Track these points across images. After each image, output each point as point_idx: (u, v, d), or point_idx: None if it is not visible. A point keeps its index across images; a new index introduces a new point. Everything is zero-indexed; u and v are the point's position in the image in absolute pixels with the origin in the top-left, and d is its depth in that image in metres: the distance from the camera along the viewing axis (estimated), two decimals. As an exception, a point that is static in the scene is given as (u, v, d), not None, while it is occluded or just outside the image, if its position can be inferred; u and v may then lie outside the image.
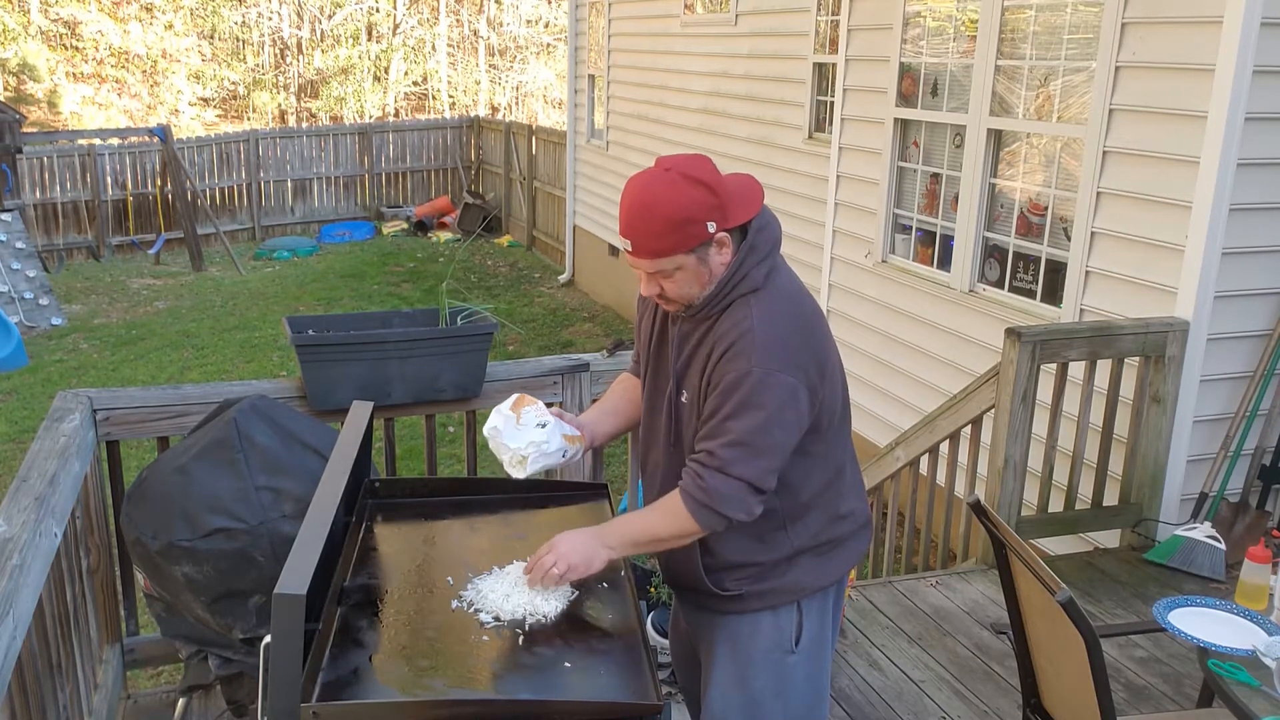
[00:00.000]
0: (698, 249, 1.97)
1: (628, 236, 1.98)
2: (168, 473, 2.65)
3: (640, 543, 2.09)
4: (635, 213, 1.96)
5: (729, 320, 2.00)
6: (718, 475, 1.97)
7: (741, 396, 1.95)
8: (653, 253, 1.96)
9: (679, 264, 1.97)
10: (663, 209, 1.94)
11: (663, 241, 1.95)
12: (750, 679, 2.18)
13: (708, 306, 2.03)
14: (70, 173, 13.68)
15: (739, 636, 2.18)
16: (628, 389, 2.39)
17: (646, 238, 1.96)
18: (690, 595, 2.26)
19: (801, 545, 2.14)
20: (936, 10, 5.64)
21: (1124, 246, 4.52)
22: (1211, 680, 2.31)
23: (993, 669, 3.53)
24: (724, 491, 1.97)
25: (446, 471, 6.52)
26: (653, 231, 1.95)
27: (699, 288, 2.01)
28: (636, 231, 1.97)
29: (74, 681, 2.62)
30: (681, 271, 1.98)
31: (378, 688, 1.79)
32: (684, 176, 1.95)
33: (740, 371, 1.95)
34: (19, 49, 22.13)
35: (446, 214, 16.18)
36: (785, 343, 1.99)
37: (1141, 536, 4.32)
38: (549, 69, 25.98)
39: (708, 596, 2.18)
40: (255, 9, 25.43)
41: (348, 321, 3.44)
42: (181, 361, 9.82)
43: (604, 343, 10.17)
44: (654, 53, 10.05)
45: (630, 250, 1.99)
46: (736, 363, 1.96)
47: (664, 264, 1.97)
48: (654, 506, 2.08)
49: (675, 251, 1.96)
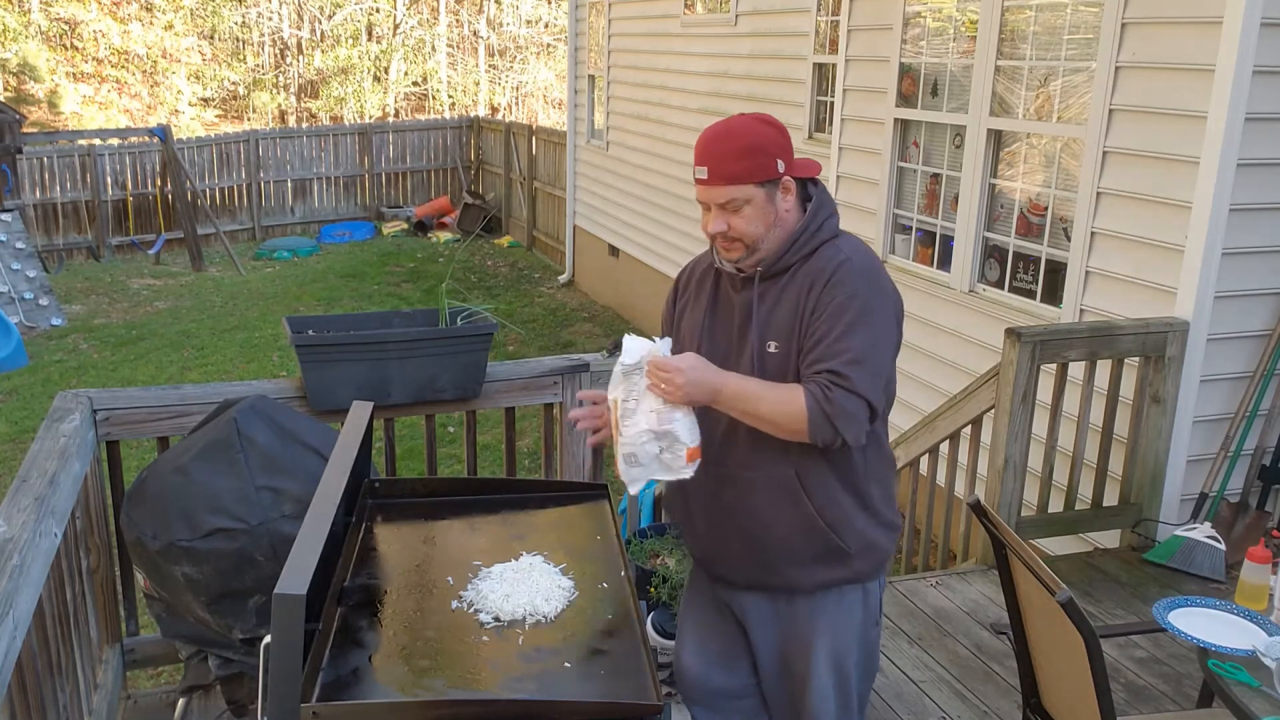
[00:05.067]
0: (766, 185, 2.09)
1: (704, 163, 2.07)
2: (168, 473, 2.65)
3: (748, 412, 2.08)
4: (712, 141, 2.09)
5: (818, 261, 2.12)
6: (843, 391, 2.02)
7: (851, 317, 2.05)
8: (727, 178, 2.06)
9: (749, 196, 2.08)
10: (738, 137, 2.09)
11: (737, 165, 2.06)
12: (845, 657, 2.26)
13: (788, 254, 2.13)
14: (70, 173, 13.68)
15: (837, 617, 2.24)
16: None
17: (722, 161, 2.06)
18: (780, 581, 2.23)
19: (882, 513, 2.24)
20: (936, 10, 5.64)
21: (1124, 247, 4.52)
22: (1211, 680, 2.31)
23: (993, 669, 3.53)
24: (848, 408, 2.02)
25: (446, 471, 6.52)
26: (728, 154, 2.06)
27: (764, 228, 2.11)
28: (712, 156, 2.07)
29: (74, 682, 2.62)
30: (750, 206, 2.08)
31: (378, 688, 1.79)
32: (756, 118, 2.13)
33: (847, 294, 2.06)
34: (19, 49, 22.12)
35: (446, 214, 16.18)
36: (879, 273, 2.14)
37: (1141, 537, 4.32)
38: (549, 69, 25.97)
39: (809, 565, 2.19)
40: (255, 9, 25.42)
41: (348, 322, 3.44)
42: (181, 361, 9.82)
43: (604, 343, 10.18)
44: (654, 53, 10.05)
45: (705, 179, 2.07)
46: (841, 288, 2.07)
47: (736, 193, 2.07)
48: (774, 387, 2.08)
49: (747, 180, 2.07)
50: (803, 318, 2.10)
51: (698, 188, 2.11)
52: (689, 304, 2.33)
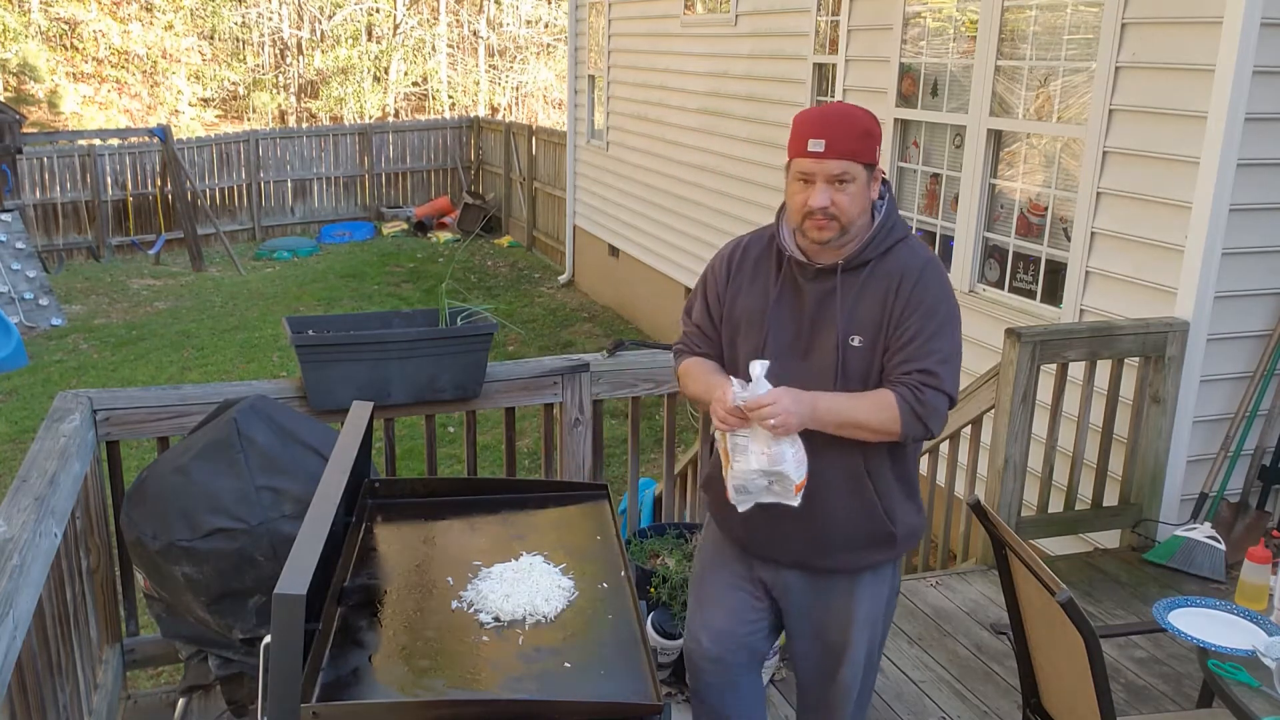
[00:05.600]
0: (869, 168, 2.19)
1: (823, 136, 2.14)
2: (168, 473, 2.65)
3: (844, 424, 2.17)
4: (834, 117, 2.17)
5: (899, 258, 2.23)
6: (933, 391, 2.16)
7: (940, 320, 2.19)
8: (845, 153, 2.14)
9: (856, 175, 2.16)
10: (859, 119, 2.18)
11: (855, 144, 2.15)
12: (876, 626, 2.40)
13: (870, 247, 2.22)
14: (70, 173, 13.68)
15: (875, 590, 2.35)
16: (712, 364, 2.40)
17: (842, 138, 2.14)
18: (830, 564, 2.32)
19: (919, 498, 2.39)
20: (936, 10, 5.65)
21: (1124, 247, 4.52)
22: (1211, 680, 2.31)
23: (993, 669, 3.53)
24: (936, 406, 2.17)
25: (446, 471, 6.52)
26: (849, 133, 2.15)
27: (858, 211, 2.19)
28: (834, 130, 2.14)
29: (74, 682, 2.62)
30: (854, 185, 2.16)
31: (378, 688, 1.79)
32: (863, 108, 2.24)
33: (935, 296, 2.20)
34: (19, 49, 22.12)
35: (446, 214, 16.18)
36: (948, 279, 2.29)
37: (1141, 537, 4.32)
38: (549, 69, 25.97)
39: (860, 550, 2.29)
40: (255, 9, 25.42)
41: (347, 322, 3.44)
42: (181, 362, 9.82)
43: (604, 343, 10.18)
44: (654, 53, 10.05)
45: (821, 151, 2.13)
46: (931, 290, 2.20)
47: (849, 169, 2.15)
48: (862, 396, 2.19)
49: (860, 158, 2.16)
50: (891, 315, 2.19)
51: (806, 160, 2.16)
52: (744, 286, 2.35)
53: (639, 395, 3.64)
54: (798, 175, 2.18)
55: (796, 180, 2.19)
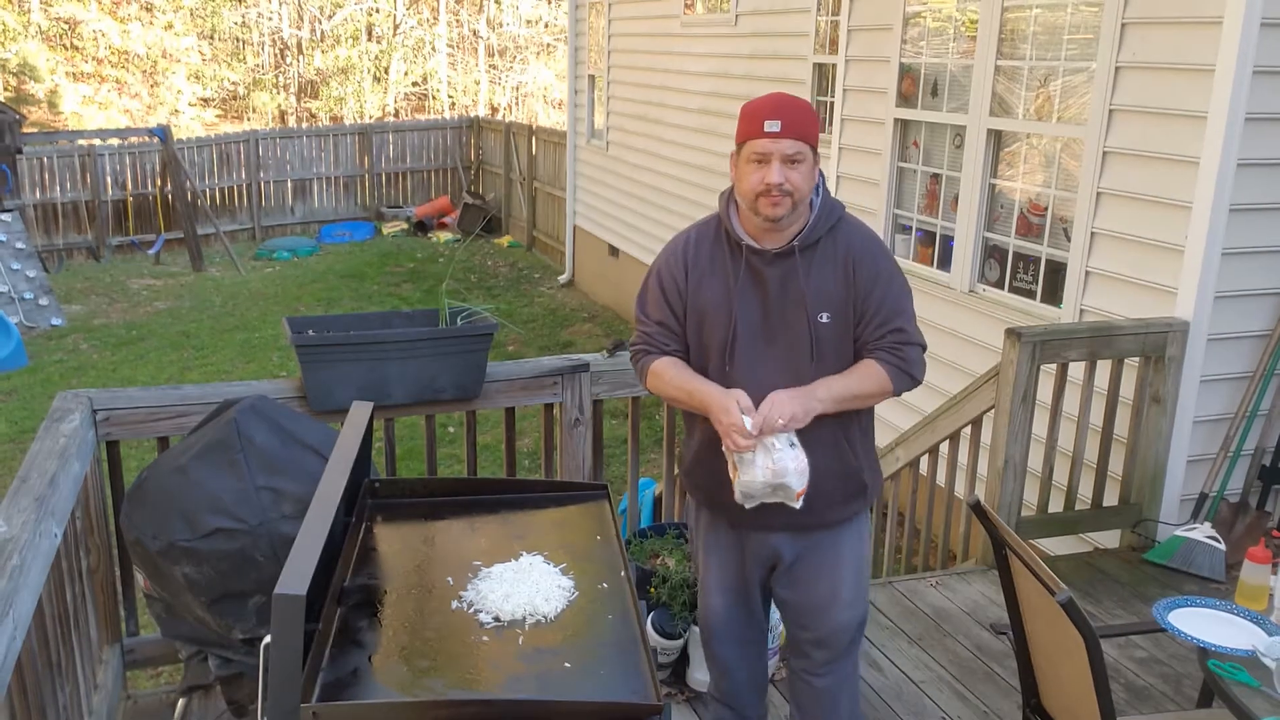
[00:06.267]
0: (815, 151, 2.37)
1: (778, 117, 2.30)
2: (167, 473, 2.65)
3: (844, 398, 2.38)
4: (787, 102, 2.36)
5: (845, 235, 2.43)
6: (910, 347, 2.42)
7: (898, 284, 2.44)
8: (798, 134, 2.31)
9: (806, 155, 2.34)
10: (806, 105, 2.40)
11: (807, 128, 2.34)
12: (859, 566, 2.60)
13: (818, 225, 2.40)
14: (70, 173, 13.68)
15: (859, 544, 2.59)
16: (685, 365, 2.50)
17: (795, 121, 2.32)
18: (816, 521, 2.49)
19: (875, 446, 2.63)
20: (936, 10, 5.64)
21: (1124, 247, 4.52)
22: (1211, 680, 2.31)
23: (993, 669, 3.53)
24: (915, 358, 2.43)
25: (446, 471, 6.52)
26: (802, 117, 2.33)
27: (809, 188, 2.37)
28: (788, 114, 2.32)
29: (74, 682, 2.62)
30: (804, 165, 2.34)
31: (377, 688, 1.79)
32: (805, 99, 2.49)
33: (889, 265, 2.45)
34: (19, 49, 22.12)
35: (446, 214, 16.17)
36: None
37: (1141, 537, 4.32)
38: (549, 69, 25.96)
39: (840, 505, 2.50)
40: (255, 9, 25.42)
41: (347, 322, 3.44)
42: (181, 362, 9.82)
43: (604, 343, 10.18)
44: (654, 53, 10.05)
45: (777, 131, 2.30)
46: (882, 260, 2.44)
47: (801, 148, 2.32)
48: (850, 373, 2.41)
49: (809, 140, 2.34)
50: (857, 290, 2.40)
51: (763, 140, 2.30)
52: (703, 277, 2.45)
53: (639, 395, 3.64)
54: (752, 156, 2.33)
55: (750, 162, 2.34)
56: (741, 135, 2.36)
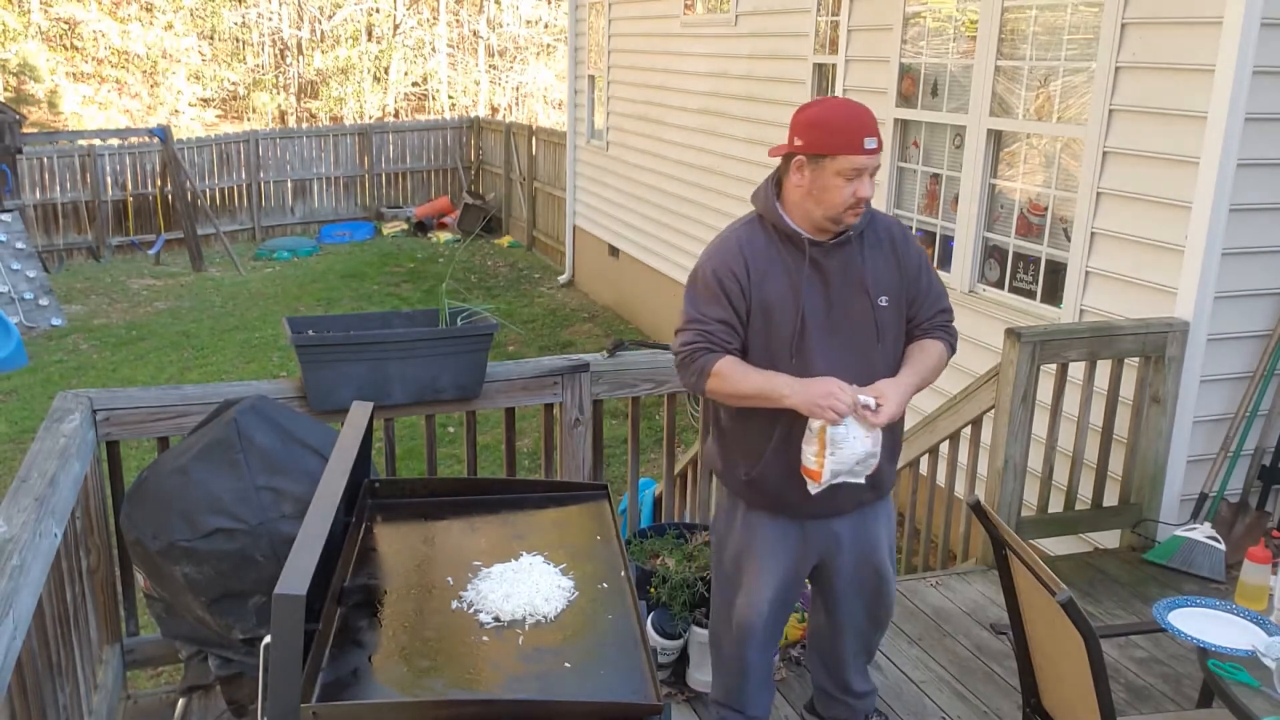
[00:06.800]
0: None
1: (875, 135, 2.41)
2: (167, 473, 2.65)
3: (922, 385, 2.56)
4: (870, 116, 2.44)
5: (881, 223, 2.60)
6: (952, 320, 2.66)
7: (929, 264, 2.65)
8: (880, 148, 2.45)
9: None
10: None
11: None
12: (892, 539, 2.78)
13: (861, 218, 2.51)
14: (70, 173, 13.68)
15: (890, 513, 2.77)
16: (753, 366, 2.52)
17: (878, 136, 2.43)
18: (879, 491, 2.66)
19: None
20: (936, 10, 5.65)
21: (1124, 247, 4.52)
22: (1211, 680, 2.31)
23: (993, 669, 3.53)
24: (956, 330, 2.68)
25: (446, 472, 6.52)
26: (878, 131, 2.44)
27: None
28: (876, 130, 2.43)
29: (74, 682, 2.62)
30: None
31: (377, 688, 1.79)
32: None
33: (920, 247, 2.66)
34: (19, 49, 22.12)
35: (446, 214, 16.17)
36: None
37: (1141, 537, 4.32)
38: (549, 69, 25.96)
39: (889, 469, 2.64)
40: (255, 9, 25.41)
41: (347, 322, 3.44)
42: (181, 362, 9.82)
43: (604, 343, 10.18)
44: (654, 53, 10.04)
45: (876, 148, 2.41)
46: (913, 243, 2.64)
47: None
48: (921, 360, 2.56)
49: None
50: (906, 273, 2.57)
51: (863, 158, 2.39)
52: (766, 274, 2.50)
53: (639, 395, 3.64)
54: (848, 172, 2.39)
55: (840, 175, 2.39)
56: (830, 148, 2.39)
